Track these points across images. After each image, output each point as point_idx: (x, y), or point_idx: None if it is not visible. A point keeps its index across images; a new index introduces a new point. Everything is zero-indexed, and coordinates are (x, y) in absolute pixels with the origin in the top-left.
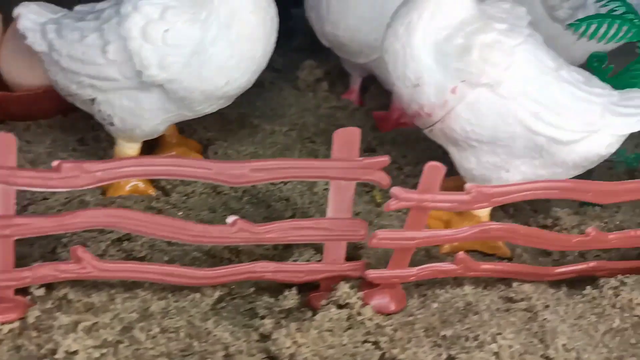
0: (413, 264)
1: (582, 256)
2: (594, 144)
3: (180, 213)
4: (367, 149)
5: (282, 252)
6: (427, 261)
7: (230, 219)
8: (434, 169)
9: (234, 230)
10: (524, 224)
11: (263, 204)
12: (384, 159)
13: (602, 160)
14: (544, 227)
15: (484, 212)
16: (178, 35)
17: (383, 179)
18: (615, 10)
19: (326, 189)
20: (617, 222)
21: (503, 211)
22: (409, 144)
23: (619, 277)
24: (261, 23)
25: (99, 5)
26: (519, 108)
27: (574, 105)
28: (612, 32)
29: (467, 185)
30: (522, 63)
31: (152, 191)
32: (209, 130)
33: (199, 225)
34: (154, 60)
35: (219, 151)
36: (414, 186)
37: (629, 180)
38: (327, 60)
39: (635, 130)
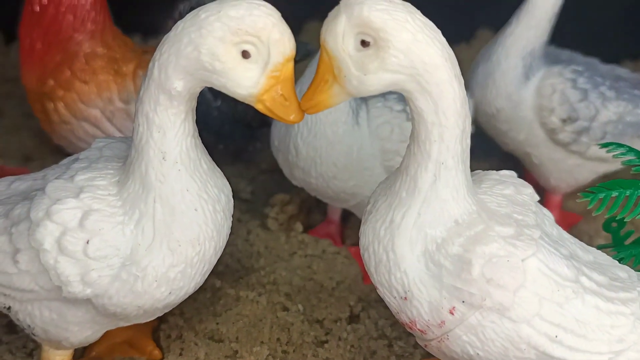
0: None
1: None
2: None
3: None
4: (351, 316)
5: None
6: None
7: None
8: None
9: None
10: None
11: None
12: None
13: None
14: None
15: None
16: (103, 245)
17: None
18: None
19: None
20: None
21: None
22: None
23: None
24: (210, 219)
25: (13, 187)
26: (534, 333)
27: (599, 321)
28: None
29: None
30: (534, 280)
31: None
32: None
33: None
34: (74, 276)
35: (172, 333)
36: None
37: None
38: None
39: None
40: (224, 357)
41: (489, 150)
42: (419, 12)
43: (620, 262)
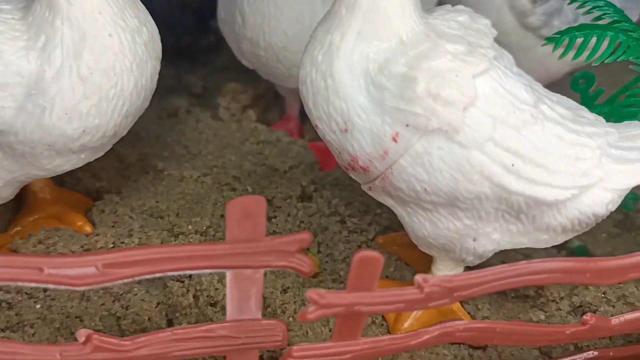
0: None
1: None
2: (589, 202)
3: None
4: (302, 196)
5: None
6: None
7: (82, 336)
8: (368, 261)
9: (88, 350)
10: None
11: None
12: (303, 237)
13: (600, 220)
14: (525, 297)
15: None
16: (3, 70)
17: (303, 264)
18: (602, 18)
19: None
20: (623, 293)
21: None
22: (356, 186)
23: None
24: (128, 49)
25: None
26: (487, 161)
27: (562, 152)
28: (603, 47)
29: (417, 278)
30: (487, 99)
31: None
32: (99, 179)
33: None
34: None
35: (106, 209)
36: (360, 245)
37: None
38: (257, 82)
39: None
40: (161, 230)
41: None
42: None
43: None
